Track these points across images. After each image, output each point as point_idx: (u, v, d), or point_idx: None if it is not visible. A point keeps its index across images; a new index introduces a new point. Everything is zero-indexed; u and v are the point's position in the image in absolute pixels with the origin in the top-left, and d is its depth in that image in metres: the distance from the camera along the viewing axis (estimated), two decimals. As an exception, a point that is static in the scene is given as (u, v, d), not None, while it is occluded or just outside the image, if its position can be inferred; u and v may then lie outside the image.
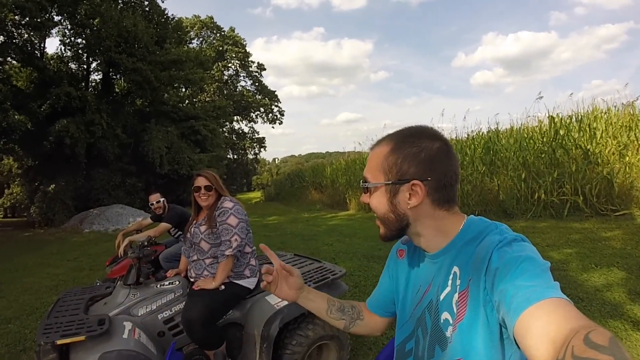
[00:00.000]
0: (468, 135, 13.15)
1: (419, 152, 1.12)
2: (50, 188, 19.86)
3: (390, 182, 1.14)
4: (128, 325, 2.65)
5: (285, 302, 2.92)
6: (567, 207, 8.30)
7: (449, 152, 1.15)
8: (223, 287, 2.91)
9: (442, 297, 1.17)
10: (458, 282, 1.11)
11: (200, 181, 3.04)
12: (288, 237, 10.45)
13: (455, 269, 1.13)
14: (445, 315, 1.15)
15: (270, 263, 1.49)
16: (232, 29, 48.50)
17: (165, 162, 23.48)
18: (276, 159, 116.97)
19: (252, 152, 55.85)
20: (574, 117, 10.10)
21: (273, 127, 54.27)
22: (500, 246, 1.02)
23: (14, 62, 20.37)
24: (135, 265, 3.05)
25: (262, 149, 55.42)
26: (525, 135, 10.72)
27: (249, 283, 3.05)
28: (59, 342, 2.33)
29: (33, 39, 20.59)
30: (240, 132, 51.90)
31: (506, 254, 0.99)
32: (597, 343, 0.60)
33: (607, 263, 5.09)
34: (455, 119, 21.20)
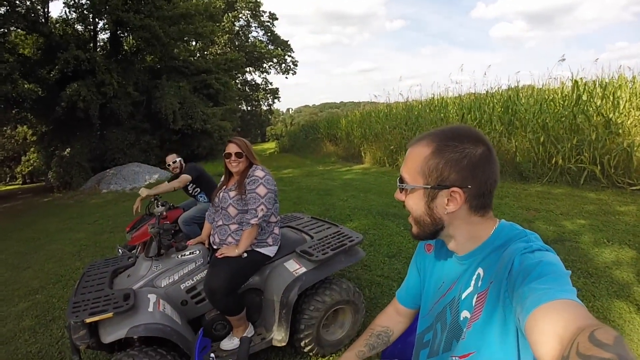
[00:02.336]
0: (487, 91, 12.76)
1: (462, 158, 1.09)
2: (66, 152, 20.29)
3: (429, 186, 1.13)
4: (152, 297, 2.80)
5: (304, 269, 3.07)
6: (583, 176, 8.14)
7: (491, 158, 1.13)
8: (245, 254, 3.00)
9: (464, 296, 1.20)
10: (480, 283, 1.14)
11: (231, 148, 3.08)
12: (303, 192, 10.52)
13: (480, 270, 1.16)
14: (465, 313, 1.18)
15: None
16: (241, -22, 47.10)
17: (179, 117, 23.45)
18: (290, 109, 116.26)
19: (266, 103, 55.42)
20: (597, 82, 9.74)
21: (287, 78, 53.69)
22: (523, 253, 1.03)
23: (19, 30, 20.24)
24: (156, 239, 3.16)
25: (275, 100, 54.93)
26: (546, 97, 10.40)
27: (270, 251, 3.14)
28: (88, 320, 2.48)
29: (36, 5, 20.29)
30: (253, 83, 51.35)
31: (527, 260, 1.00)
32: (602, 341, 0.60)
33: (619, 239, 5.04)
34: (474, 73, 20.64)
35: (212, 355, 1.56)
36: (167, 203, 5.03)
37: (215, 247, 3.19)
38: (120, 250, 5.20)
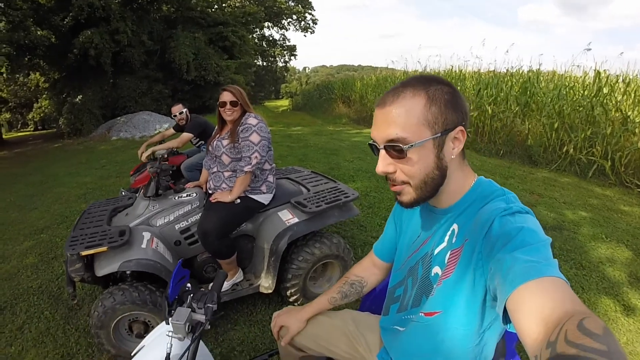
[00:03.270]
0: (507, 70, 12.44)
1: (452, 97, 1.07)
2: (77, 99, 20.21)
3: (438, 134, 1.06)
4: (147, 235, 2.92)
5: (296, 219, 3.14)
6: (592, 169, 7.95)
7: (460, 93, 1.11)
8: (239, 200, 3.06)
9: (436, 251, 1.20)
10: (454, 239, 1.13)
11: (226, 96, 3.06)
12: (310, 149, 10.47)
13: (455, 226, 1.15)
14: (436, 269, 1.19)
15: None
16: None
17: (192, 68, 23.35)
18: (306, 68, 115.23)
19: (282, 60, 54.47)
20: (621, 77, 9.42)
21: (305, 36, 52.93)
22: (504, 214, 1.01)
23: None
24: (155, 179, 3.24)
25: (292, 57, 53.85)
26: (567, 84, 10.15)
27: (264, 199, 3.19)
28: (84, 253, 2.62)
29: None
30: (271, 38, 50.17)
31: (508, 223, 0.98)
32: (592, 331, 0.60)
33: (617, 238, 4.99)
34: (496, 49, 20.16)
35: (189, 285, 1.57)
36: (172, 149, 5.11)
37: (210, 192, 3.25)
38: (123, 192, 5.31)
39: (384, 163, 1.10)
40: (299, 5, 47.30)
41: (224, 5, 36.57)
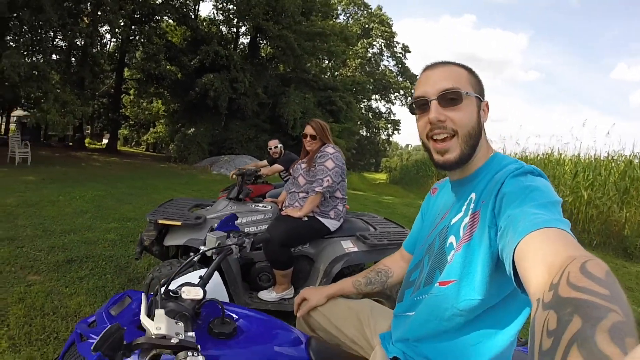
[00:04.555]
0: (608, 154, 11.66)
1: (480, 80, 1.25)
2: (190, 131, 22.39)
3: (479, 96, 1.20)
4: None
5: (356, 249, 3.20)
6: None
7: None
8: (306, 219, 3.20)
9: (453, 221, 1.23)
10: (472, 205, 1.16)
11: (308, 129, 3.41)
12: (396, 216, 10.25)
13: (473, 195, 1.18)
14: (451, 239, 1.20)
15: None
16: (379, 7, 48.46)
17: (298, 125, 24.33)
18: (409, 146, 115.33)
19: (386, 133, 55.54)
20: None
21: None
22: (515, 174, 1.05)
23: (170, 20, 23.34)
24: (238, 183, 3.60)
25: (396, 131, 54.76)
26: None
27: (331, 224, 3.30)
28: (161, 221, 2.94)
29: (188, 2, 23.40)
30: (377, 110, 51.83)
31: (519, 182, 1.01)
32: (594, 274, 0.58)
33: None
34: (596, 131, 19.18)
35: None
36: (259, 171, 5.42)
37: (284, 208, 3.47)
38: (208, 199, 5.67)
39: (437, 111, 1.16)
40: (407, 81, 48.46)
41: (336, 73, 38.33)
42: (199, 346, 0.99)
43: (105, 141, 31.62)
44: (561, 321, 0.50)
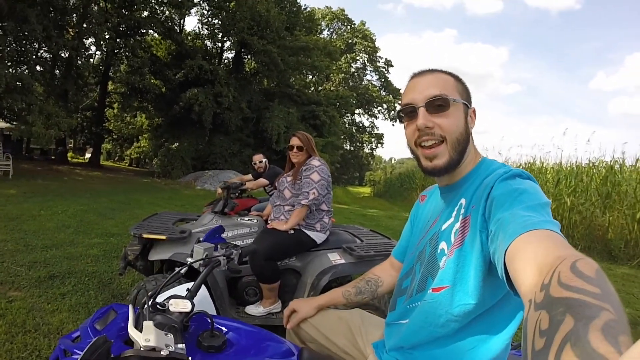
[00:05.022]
0: (589, 161, 11.87)
1: (466, 86, 1.26)
2: (173, 146, 22.36)
3: (466, 102, 1.22)
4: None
5: (343, 261, 3.17)
6: None
7: None
8: (292, 231, 3.18)
9: (443, 227, 1.22)
10: (462, 211, 1.16)
11: (295, 141, 3.35)
12: (381, 229, 10.25)
13: (463, 200, 1.18)
14: (442, 245, 1.20)
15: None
16: (362, 23, 49.26)
17: (282, 140, 24.44)
18: (393, 159, 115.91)
19: (369, 147, 55.83)
20: None
21: (393, 125, 53.71)
22: (504, 178, 1.05)
23: (155, 34, 23.52)
24: (223, 196, 3.55)
25: (379, 145, 55.02)
26: None
27: (317, 237, 3.28)
28: (145, 235, 2.88)
29: (173, 15, 23.72)
30: (361, 125, 52.17)
31: (507, 185, 1.02)
32: (584, 272, 0.59)
33: None
34: (577, 139, 19.60)
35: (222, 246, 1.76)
36: (244, 185, 5.40)
37: (269, 222, 3.42)
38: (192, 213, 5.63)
39: (425, 118, 1.16)
40: (390, 95, 49.01)
41: (319, 87, 38.61)
42: (189, 358, 0.97)
43: (88, 155, 31.52)
44: (553, 321, 0.51)
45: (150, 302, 1.19)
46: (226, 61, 27.45)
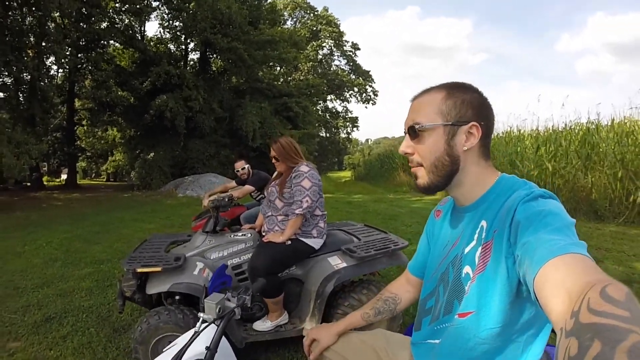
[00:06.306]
0: (565, 124, 12.06)
1: (472, 98, 1.18)
2: (149, 156, 21.97)
3: (450, 122, 1.16)
4: (200, 265, 3.03)
5: (345, 264, 3.12)
6: None
7: (490, 104, 1.22)
8: (289, 242, 3.11)
9: (466, 250, 1.20)
10: (484, 234, 1.14)
11: (271, 152, 3.30)
12: (369, 215, 10.46)
13: (484, 222, 1.16)
14: (466, 269, 1.18)
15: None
16: (325, 9, 48.77)
17: (258, 136, 24.38)
18: (369, 140, 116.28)
19: (345, 132, 55.90)
20: None
21: (366, 107, 54.01)
22: (526, 200, 1.03)
23: (117, 44, 23.01)
24: (214, 215, 3.45)
25: (355, 129, 55.16)
26: (626, 130, 9.78)
27: (315, 243, 3.23)
28: (139, 270, 2.77)
29: (133, 23, 23.15)
30: (334, 110, 52.05)
31: (530, 208, 1.00)
32: (614, 297, 0.58)
33: None
34: (552, 105, 19.84)
35: (229, 291, 1.67)
36: (233, 199, 5.33)
37: (264, 234, 3.35)
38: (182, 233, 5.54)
39: (404, 144, 1.24)
40: (360, 78, 49.07)
41: (289, 78, 38.43)
42: None
43: (64, 176, 30.76)
44: (582, 347, 0.52)
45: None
46: (192, 63, 27.00)
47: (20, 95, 19.19)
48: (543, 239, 0.87)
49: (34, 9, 16.79)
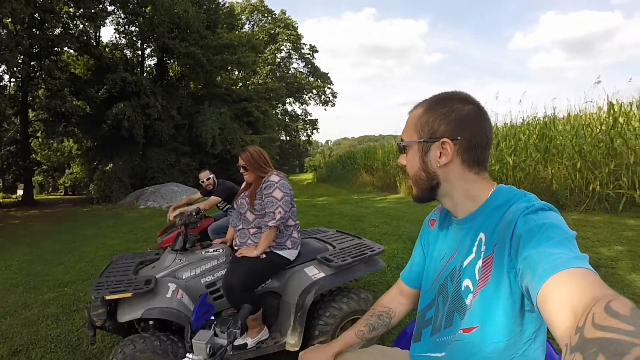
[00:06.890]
0: (523, 120, 12.47)
1: (450, 112, 1.15)
2: (108, 167, 21.31)
3: (422, 140, 1.18)
4: (172, 286, 2.90)
5: (322, 274, 3.07)
6: (622, 202, 7.80)
7: (481, 115, 1.18)
8: (264, 255, 3.04)
9: (465, 263, 1.18)
10: (483, 248, 1.12)
11: (240, 161, 3.23)
12: (335, 217, 10.46)
13: (482, 235, 1.14)
14: (466, 282, 1.16)
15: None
16: (283, 12, 48.86)
17: (218, 142, 24.11)
18: (329, 141, 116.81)
19: (305, 134, 55.70)
20: (634, 104, 9.44)
21: (325, 109, 54.13)
22: (526, 213, 1.02)
23: (71, 51, 22.11)
24: (183, 232, 3.31)
25: (315, 131, 55.18)
26: (583, 122, 10.07)
27: (290, 254, 3.17)
28: (108, 297, 2.61)
29: (88, 28, 22.26)
30: (293, 113, 52.06)
31: (531, 221, 0.99)
32: (618, 312, 0.58)
33: None
34: (510, 102, 20.45)
35: (212, 317, 1.58)
36: (200, 209, 5.22)
37: (236, 248, 3.26)
38: (149, 251, 5.39)
39: (399, 159, 1.30)
40: (319, 80, 49.26)
41: (247, 83, 38.21)
42: None
43: (20, 192, 29.38)
44: None
45: None
46: (149, 69, 26.42)
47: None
48: (545, 253, 0.87)
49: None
